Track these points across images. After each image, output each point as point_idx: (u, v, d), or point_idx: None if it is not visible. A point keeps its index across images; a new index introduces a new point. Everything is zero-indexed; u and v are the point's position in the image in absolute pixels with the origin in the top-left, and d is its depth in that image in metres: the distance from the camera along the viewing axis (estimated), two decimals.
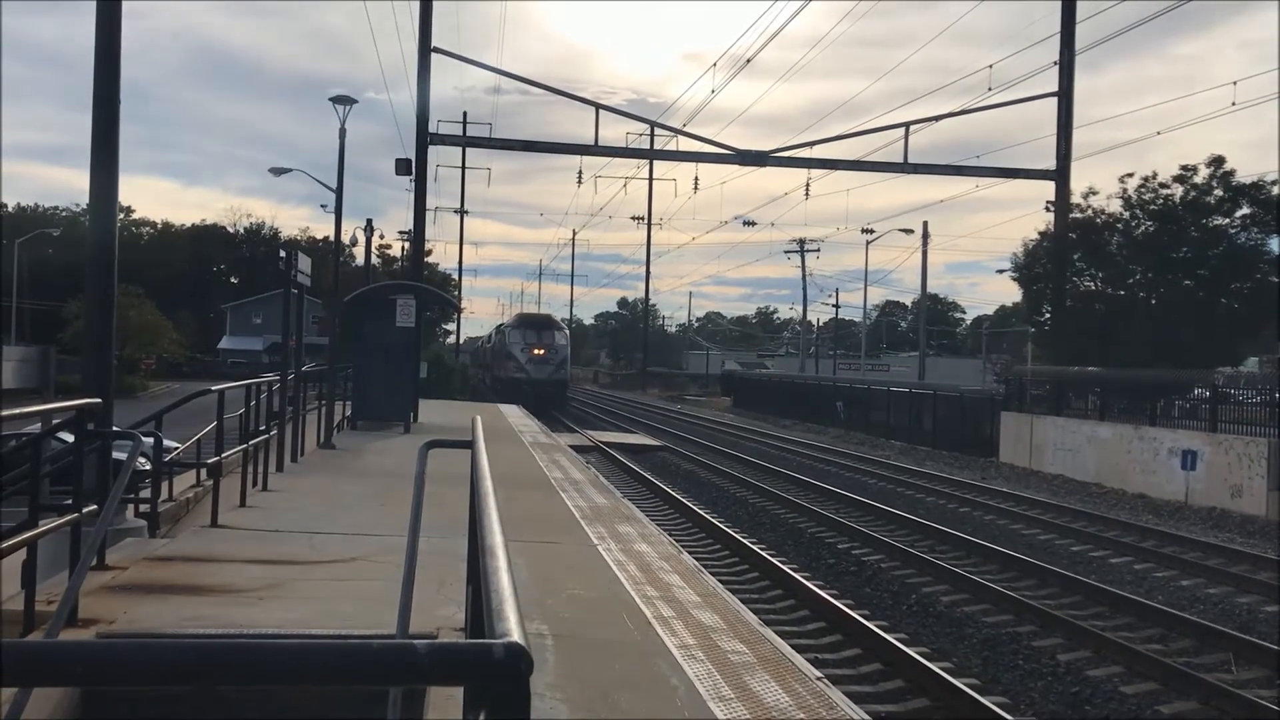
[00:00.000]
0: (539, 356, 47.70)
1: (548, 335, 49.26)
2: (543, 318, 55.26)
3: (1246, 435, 21.98)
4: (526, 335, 48.87)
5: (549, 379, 47.31)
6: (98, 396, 7.64)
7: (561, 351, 49.10)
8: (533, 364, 47.44)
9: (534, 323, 52.41)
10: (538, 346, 47.99)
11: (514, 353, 48.12)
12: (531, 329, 50.01)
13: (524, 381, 46.01)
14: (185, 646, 1.35)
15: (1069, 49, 32.71)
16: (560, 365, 48.77)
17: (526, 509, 11.17)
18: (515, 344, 48.49)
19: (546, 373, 47.39)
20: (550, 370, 47.81)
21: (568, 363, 50.57)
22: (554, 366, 48.17)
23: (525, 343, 48.22)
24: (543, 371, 47.37)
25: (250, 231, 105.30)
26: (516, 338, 48.90)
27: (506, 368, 48.72)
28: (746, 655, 6.11)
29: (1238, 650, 10.98)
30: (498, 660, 1.35)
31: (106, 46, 9.11)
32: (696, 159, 34.83)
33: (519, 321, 52.93)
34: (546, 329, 50.39)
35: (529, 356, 47.61)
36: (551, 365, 48.00)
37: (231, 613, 6.61)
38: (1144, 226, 31.82)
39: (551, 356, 48.13)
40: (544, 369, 47.53)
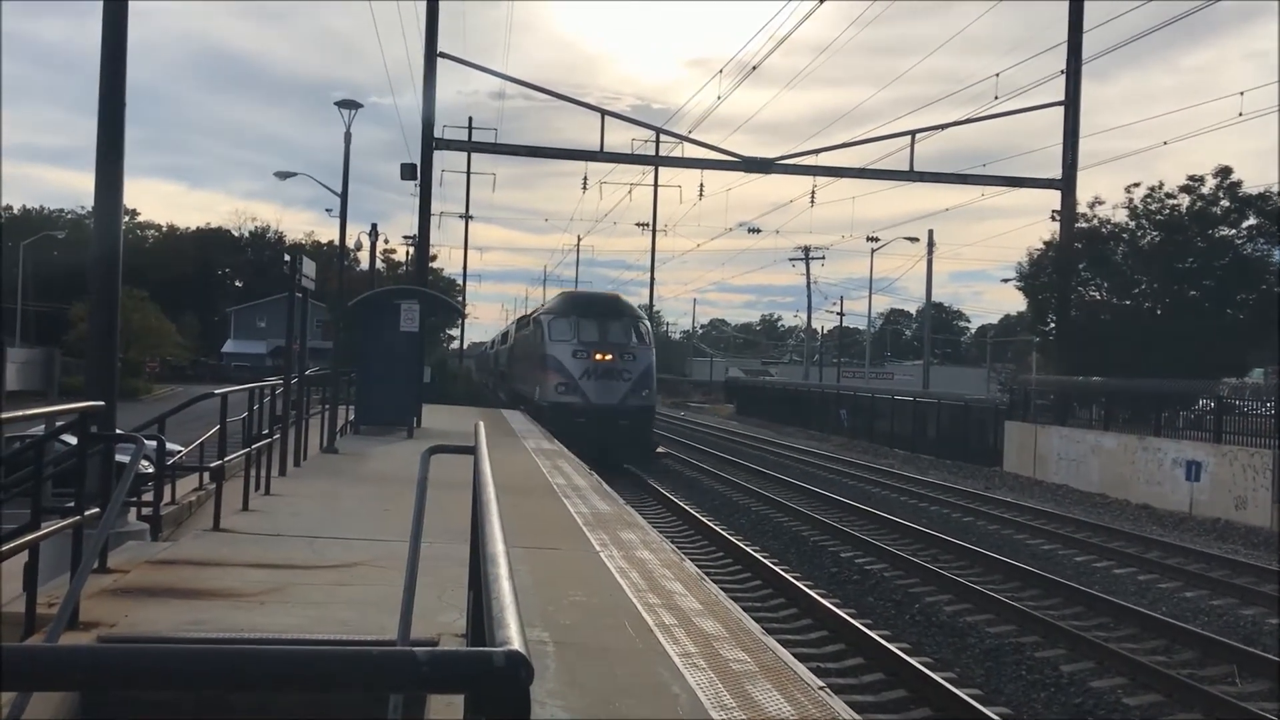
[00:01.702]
0: (604, 366, 28.32)
1: (618, 329, 29.39)
2: (606, 300, 32.58)
3: (1251, 446, 21.92)
4: (582, 328, 29.04)
5: (623, 406, 28.02)
6: (101, 399, 7.63)
7: (643, 358, 29.16)
8: (594, 379, 28.18)
9: (593, 307, 30.70)
10: (601, 349, 28.52)
11: (559, 360, 28.58)
12: (590, 318, 29.61)
13: (578, 410, 27.56)
14: (185, 653, 1.34)
15: (1076, 58, 32.71)
16: (642, 382, 28.75)
17: (529, 515, 11.15)
18: (561, 344, 28.93)
19: (618, 394, 28.05)
20: (625, 390, 28.19)
21: (653, 377, 29.75)
22: (630, 384, 28.35)
23: (580, 342, 28.70)
24: (612, 393, 28.06)
25: (255, 235, 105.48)
26: (564, 332, 29.18)
27: (544, 384, 28.98)
28: (748, 664, 6.09)
29: (1242, 662, 10.93)
30: (498, 669, 1.34)
31: (112, 48, 9.13)
32: (701, 165, 34.89)
33: (566, 305, 31.27)
34: (615, 318, 29.90)
35: (587, 366, 28.31)
36: (626, 381, 28.27)
37: (233, 617, 6.60)
38: (1150, 236, 31.79)
39: (626, 367, 28.51)
40: (614, 388, 28.14)
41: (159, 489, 10.12)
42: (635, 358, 28.62)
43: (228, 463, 10.83)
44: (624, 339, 29.08)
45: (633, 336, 29.45)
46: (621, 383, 28.02)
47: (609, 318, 29.71)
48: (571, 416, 27.02)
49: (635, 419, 28.14)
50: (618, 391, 27.98)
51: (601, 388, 27.91)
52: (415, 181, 33.33)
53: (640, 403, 28.40)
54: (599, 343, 28.54)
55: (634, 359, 28.57)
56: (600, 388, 27.90)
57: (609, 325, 29.29)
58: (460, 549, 6.24)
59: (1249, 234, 30.99)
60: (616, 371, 28.03)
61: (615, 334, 29.01)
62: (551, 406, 27.96)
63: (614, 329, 29.22)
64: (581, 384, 27.84)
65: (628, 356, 28.44)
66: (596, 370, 27.96)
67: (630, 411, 27.98)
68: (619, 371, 28.08)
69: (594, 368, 28.01)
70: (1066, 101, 32.83)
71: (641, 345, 29.28)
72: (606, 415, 27.37)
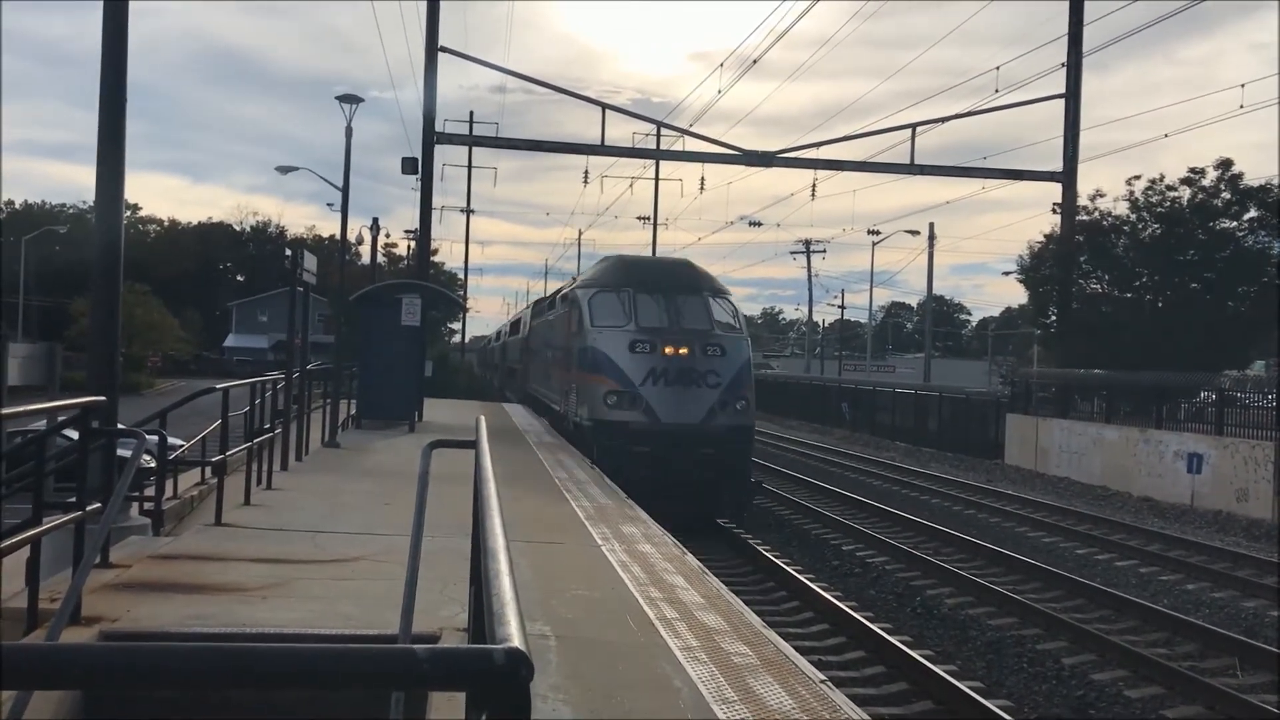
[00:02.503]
0: (680, 366, 18.56)
1: (695, 309, 19.61)
2: (674, 267, 21.95)
3: (1253, 439, 21.92)
4: (641, 308, 19.40)
5: (710, 425, 18.40)
6: (103, 394, 7.64)
7: (735, 354, 19.12)
8: (664, 385, 18.44)
9: (657, 277, 20.62)
10: (674, 339, 18.80)
11: (609, 357, 18.95)
12: (653, 292, 19.78)
13: (640, 432, 18.14)
14: (186, 651, 1.35)
15: (1076, 50, 32.64)
16: (736, 389, 18.83)
17: (530, 509, 11.16)
18: (611, 333, 19.20)
19: (702, 407, 18.45)
20: (712, 402, 18.50)
21: (750, 381, 19.61)
22: (720, 392, 18.63)
23: (641, 329, 18.97)
24: (693, 405, 18.44)
25: (257, 229, 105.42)
26: (614, 314, 19.58)
27: (585, 393, 19.48)
28: (750, 657, 6.10)
29: (1243, 654, 10.94)
30: (498, 666, 1.34)
31: (113, 43, 9.11)
32: (703, 159, 34.81)
33: (616, 274, 20.95)
34: (689, 292, 20.03)
35: (654, 365, 18.54)
36: (713, 388, 18.62)
37: (235, 611, 6.60)
38: (1151, 229, 31.73)
39: (712, 366, 18.74)
40: (696, 399, 18.49)
41: (161, 484, 10.13)
42: (724, 352, 18.28)
43: (229, 457, 10.84)
44: (705, 323, 18.76)
45: (718, 320, 19.04)
46: (706, 390, 17.89)
47: (681, 292, 19.28)
48: (629, 442, 17.45)
49: (728, 446, 17.79)
50: (701, 403, 17.86)
51: (676, 398, 17.83)
52: (416, 176, 33.29)
53: (735, 420, 18.12)
54: (669, 330, 18.41)
55: (722, 354, 18.24)
56: (674, 399, 17.82)
57: (682, 304, 19.01)
58: (462, 543, 6.24)
59: (1250, 226, 30.95)
60: (698, 374, 17.97)
61: (692, 316, 18.85)
62: (597, 427, 18.03)
63: (690, 309, 18.97)
64: (645, 393, 17.80)
65: (713, 350, 18.24)
66: (668, 372, 17.87)
67: (720, 434, 17.80)
68: (702, 374, 17.98)
69: (664, 368, 17.90)
70: (1067, 94, 32.76)
71: (732, 334, 19.00)
72: (685, 440, 17.53)
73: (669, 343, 18.27)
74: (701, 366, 18.14)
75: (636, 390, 17.98)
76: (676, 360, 18.12)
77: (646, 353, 18.22)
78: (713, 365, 18.27)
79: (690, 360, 18.15)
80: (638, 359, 18.21)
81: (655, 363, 18.11)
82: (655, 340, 18.31)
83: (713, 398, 18.05)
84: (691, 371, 18.08)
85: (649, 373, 18.02)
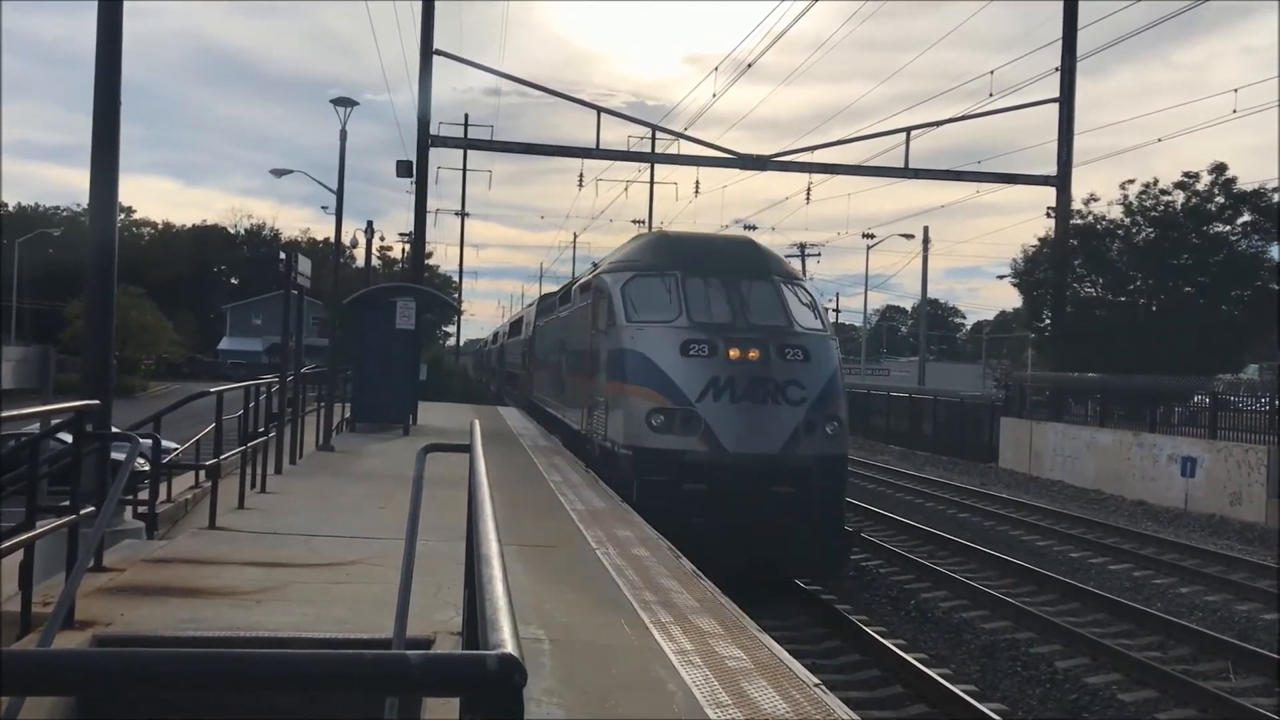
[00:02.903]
0: (750, 373, 13.44)
1: (766, 299, 14.67)
2: (736, 248, 16.51)
3: (1246, 442, 21.97)
4: (693, 299, 14.33)
5: (791, 455, 13.24)
6: (97, 397, 7.64)
7: (822, 359, 14.02)
8: (730, 401, 13.31)
9: (715, 259, 15.26)
10: (742, 340, 13.72)
11: (653, 362, 13.81)
12: (710, 276, 14.67)
13: (698, 464, 13.15)
14: (180, 656, 1.35)
15: (1071, 55, 32.71)
16: (825, 406, 13.60)
17: (525, 511, 11.16)
18: (656, 330, 14.09)
19: (781, 432, 13.28)
20: (796, 423, 13.32)
21: (842, 397, 14.17)
22: (806, 409, 13.41)
23: (695, 324, 13.96)
24: (769, 428, 13.31)
25: (251, 232, 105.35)
26: (658, 304, 14.50)
27: (619, 409, 14.32)
28: (744, 661, 6.10)
29: (1236, 658, 10.97)
30: (491, 672, 1.34)
31: (108, 45, 9.12)
32: (698, 163, 34.82)
33: (659, 254, 15.60)
34: (757, 277, 14.97)
35: (716, 373, 13.44)
36: (796, 405, 13.41)
37: (229, 615, 6.60)
38: (1145, 233, 31.81)
39: (793, 375, 13.58)
40: (772, 420, 13.34)
41: (154, 487, 10.12)
42: (809, 356, 13.79)
43: (223, 460, 10.83)
44: (780, 318, 14.31)
45: (795, 313, 14.48)
46: (786, 407, 13.35)
47: (744, 276, 14.79)
48: (681, 478, 13.08)
49: (815, 482, 13.26)
50: (780, 425, 13.30)
51: (747, 419, 13.28)
52: (411, 179, 33.28)
53: (825, 448, 13.46)
54: (735, 326, 13.94)
55: (806, 359, 13.74)
56: (744, 419, 13.28)
57: (748, 291, 14.58)
58: (456, 546, 6.25)
59: (1243, 230, 31.04)
60: (776, 386, 13.40)
61: (762, 308, 14.43)
62: (638, 457, 13.50)
63: (758, 298, 14.56)
64: (705, 411, 13.26)
65: (794, 354, 13.71)
66: (735, 383, 13.35)
67: (806, 467, 13.25)
68: (780, 385, 13.42)
69: (729, 377, 13.37)
70: (1061, 98, 32.83)
71: (816, 332, 14.45)
72: (758, 476, 13.03)
73: (736, 343, 13.55)
74: (780, 375, 13.38)
75: (692, 407, 13.17)
76: (746, 367, 13.36)
77: (704, 356, 13.45)
78: (794, 374, 13.48)
79: (764, 367, 13.39)
80: (693, 365, 13.40)
81: (717, 370, 13.32)
82: (717, 340, 13.53)
83: (795, 418, 13.21)
84: (767, 382, 13.28)
85: (709, 384, 13.25)
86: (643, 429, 13.49)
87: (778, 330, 13.96)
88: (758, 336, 13.70)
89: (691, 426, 13.21)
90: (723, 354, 13.44)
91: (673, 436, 13.27)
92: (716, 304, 14.30)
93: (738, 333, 13.75)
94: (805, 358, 13.69)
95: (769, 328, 13.98)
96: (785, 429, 13.21)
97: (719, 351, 13.46)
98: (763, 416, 13.24)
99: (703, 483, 12.99)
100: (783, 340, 13.75)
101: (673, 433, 13.28)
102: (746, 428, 13.20)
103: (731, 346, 13.51)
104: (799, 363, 13.62)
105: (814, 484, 13.20)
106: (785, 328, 14.06)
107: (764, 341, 13.61)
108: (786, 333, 13.95)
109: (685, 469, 13.06)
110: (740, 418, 13.22)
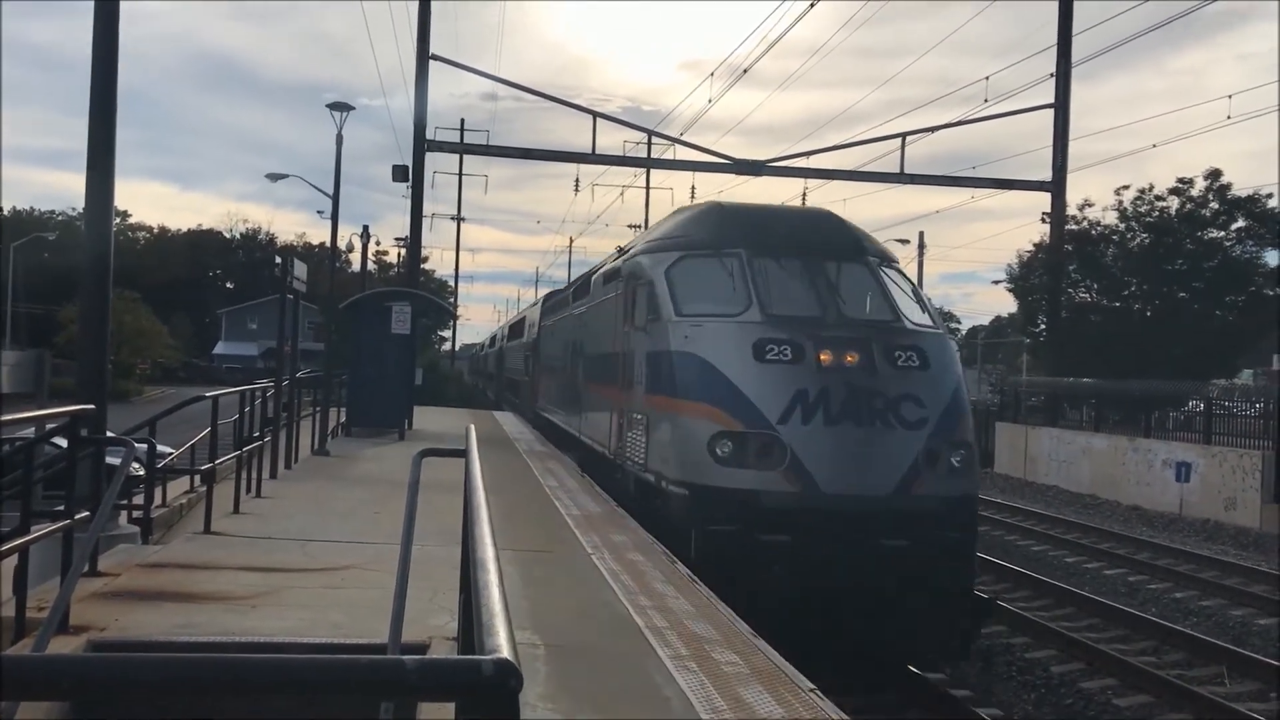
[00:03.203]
0: (850, 383, 10.01)
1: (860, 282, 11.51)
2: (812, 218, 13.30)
3: (1241, 448, 22.01)
4: (766, 286, 10.89)
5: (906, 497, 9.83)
6: (92, 402, 7.63)
7: (943, 365, 10.55)
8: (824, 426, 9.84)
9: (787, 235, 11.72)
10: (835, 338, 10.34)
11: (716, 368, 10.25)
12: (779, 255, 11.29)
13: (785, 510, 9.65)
14: (175, 662, 1.35)
15: (1065, 60, 32.79)
16: (948, 430, 10.10)
17: (521, 516, 11.15)
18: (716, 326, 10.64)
19: (893, 469, 9.82)
20: (913, 454, 9.88)
21: (968, 417, 10.62)
22: (928, 433, 9.96)
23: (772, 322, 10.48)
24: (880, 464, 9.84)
25: (247, 237, 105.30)
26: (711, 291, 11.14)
27: (670, 433, 10.71)
28: (740, 666, 6.10)
29: (1231, 663, 10.98)
30: (487, 677, 1.34)
31: (104, 49, 9.11)
32: (693, 168, 34.85)
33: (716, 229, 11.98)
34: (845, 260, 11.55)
35: (806, 384, 9.98)
36: (914, 429, 9.96)
37: (224, 620, 6.59)
38: (1140, 238, 31.88)
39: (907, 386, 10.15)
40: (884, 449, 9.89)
41: (149, 492, 10.10)
42: (926, 363, 10.57)
43: (219, 465, 10.82)
44: (885, 311, 11.29)
45: (902, 307, 11.39)
46: (901, 432, 10.08)
47: (832, 258, 11.67)
48: (755, 524, 9.77)
49: (937, 535, 9.91)
50: (893, 457, 10.03)
51: (848, 447, 10.01)
52: (407, 184, 33.28)
53: (952, 488, 10.21)
54: (824, 321, 10.82)
55: (923, 366, 10.53)
56: (845, 447, 10.01)
57: (836, 276, 11.54)
58: (452, 551, 6.24)
59: (1238, 236, 31.13)
60: (886, 402, 10.13)
61: (859, 299, 11.58)
62: (699, 498, 10.20)
63: (852, 285, 11.65)
64: (791, 436, 9.96)
65: (907, 358, 10.53)
66: (829, 397, 10.07)
67: (925, 513, 9.96)
68: (891, 402, 10.16)
69: (821, 390, 10.10)
70: (1056, 104, 32.90)
71: (931, 333, 11.21)
72: (863, 526, 9.77)
73: (830, 344, 10.23)
74: (891, 388, 10.02)
75: (773, 431, 9.80)
76: (845, 376, 10.03)
77: (786, 361, 10.07)
78: (910, 385, 10.13)
79: (869, 376, 10.07)
80: (772, 373, 10.05)
81: (805, 379, 9.97)
82: (803, 339, 10.19)
83: (914, 446, 9.88)
84: (874, 397, 9.94)
85: (795, 399, 9.87)
86: (703, 460, 9.95)
87: (883, 327, 10.72)
88: (858, 335, 10.41)
89: (772, 457, 9.75)
90: (812, 358, 10.07)
91: (746, 471, 9.80)
92: (797, 292, 10.99)
93: (830, 330, 10.42)
94: (922, 363, 10.35)
95: (871, 323, 10.82)
96: (900, 461, 9.78)
97: (807, 355, 10.10)
98: (869, 444, 9.81)
99: (787, 533, 9.54)
100: (892, 340, 10.45)
101: (746, 465, 9.82)
102: (848, 459, 9.76)
103: (823, 348, 10.15)
104: (914, 370, 10.29)
105: (937, 535, 9.72)
106: (892, 323, 10.85)
107: (867, 342, 10.30)
108: (895, 330, 10.72)
109: (763, 516, 9.62)
110: (839, 445, 9.79)
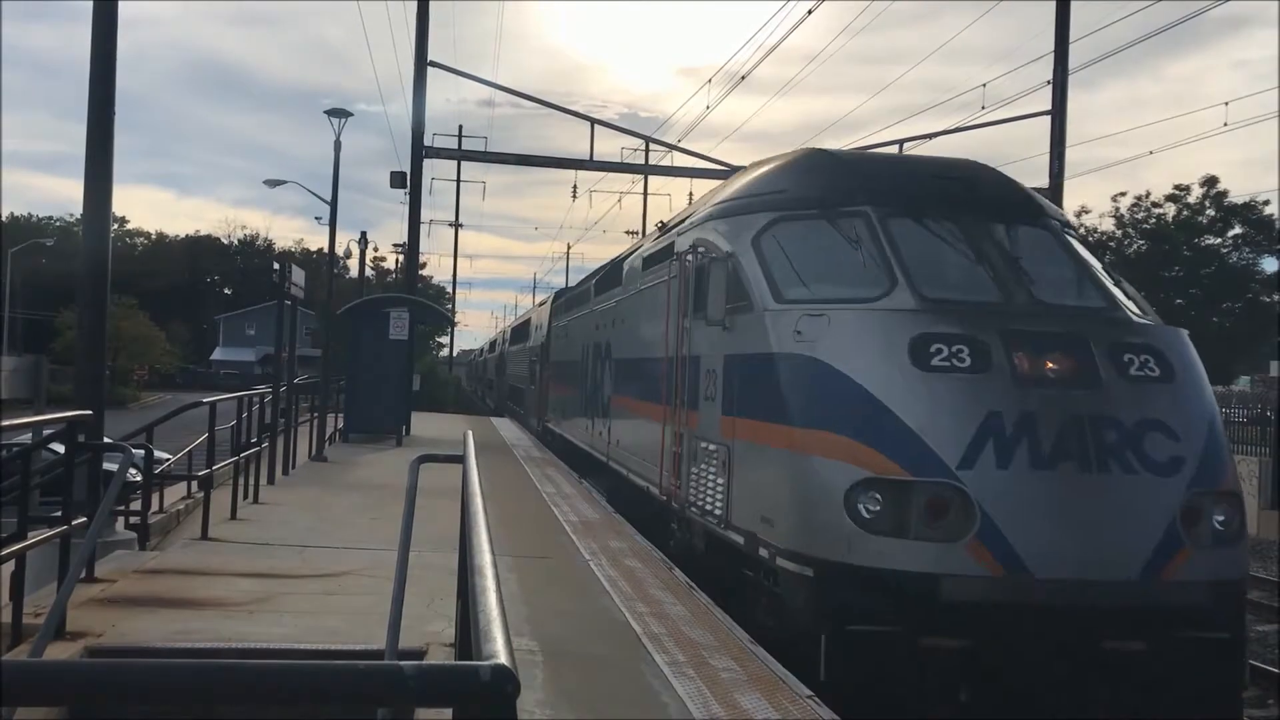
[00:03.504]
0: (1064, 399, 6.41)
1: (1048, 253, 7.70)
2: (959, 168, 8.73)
3: (1238, 454, 22.03)
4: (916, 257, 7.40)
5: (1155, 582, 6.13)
6: (89, 408, 7.62)
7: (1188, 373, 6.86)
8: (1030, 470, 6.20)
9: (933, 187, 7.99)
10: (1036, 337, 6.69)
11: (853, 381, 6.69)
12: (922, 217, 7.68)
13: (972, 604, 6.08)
14: (172, 668, 1.35)
15: (1062, 67, 32.86)
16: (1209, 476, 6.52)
17: (518, 523, 11.14)
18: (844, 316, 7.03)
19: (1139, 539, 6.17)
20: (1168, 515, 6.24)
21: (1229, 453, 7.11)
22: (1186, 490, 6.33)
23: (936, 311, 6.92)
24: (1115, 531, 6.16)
25: (245, 243, 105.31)
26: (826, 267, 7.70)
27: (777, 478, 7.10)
28: (737, 672, 6.09)
29: None
30: (484, 683, 1.35)
31: (102, 55, 9.12)
32: (691, 174, 34.87)
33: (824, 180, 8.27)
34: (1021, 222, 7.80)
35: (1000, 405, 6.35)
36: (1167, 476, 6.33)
37: (221, 626, 6.58)
38: (1136, 245, 31.98)
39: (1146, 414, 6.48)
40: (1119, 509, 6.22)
41: (147, 498, 10.10)
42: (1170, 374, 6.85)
43: (216, 471, 10.81)
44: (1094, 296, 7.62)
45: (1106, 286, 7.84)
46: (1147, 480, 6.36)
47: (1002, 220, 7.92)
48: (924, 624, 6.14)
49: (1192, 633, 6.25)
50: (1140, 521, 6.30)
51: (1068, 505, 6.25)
52: (405, 190, 33.31)
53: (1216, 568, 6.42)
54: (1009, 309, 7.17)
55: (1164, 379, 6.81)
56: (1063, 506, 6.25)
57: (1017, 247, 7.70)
58: (449, 557, 6.24)
59: (1234, 243, 31.24)
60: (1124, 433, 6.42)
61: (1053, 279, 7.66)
62: (833, 582, 6.47)
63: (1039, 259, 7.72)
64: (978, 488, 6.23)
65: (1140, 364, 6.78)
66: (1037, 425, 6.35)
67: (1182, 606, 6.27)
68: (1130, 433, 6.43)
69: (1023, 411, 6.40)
70: (1053, 111, 32.96)
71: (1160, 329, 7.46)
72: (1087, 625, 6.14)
73: (1028, 342, 6.86)
74: (1126, 412, 6.66)
75: (954, 481, 6.40)
76: (1054, 391, 6.68)
77: (964, 369, 6.72)
78: (1152, 407, 6.77)
79: (1094, 395, 6.70)
80: (944, 387, 6.69)
81: (995, 397, 6.61)
82: (988, 335, 6.86)
83: (1167, 501, 6.49)
84: (1103, 426, 6.55)
85: (983, 428, 6.48)
86: (839, 522, 6.58)
87: (1099, 318, 7.41)
88: (1068, 330, 7.04)
89: (952, 520, 6.37)
90: (1004, 364, 6.70)
91: (911, 543, 6.41)
92: (962, 267, 7.68)
93: (1023, 321, 7.08)
94: (1164, 373, 6.95)
95: (1082, 312, 7.49)
96: (1149, 525, 6.41)
97: (995, 359, 6.73)
98: (1101, 498, 6.43)
99: (970, 638, 6.24)
100: (1117, 337, 7.08)
101: (909, 534, 6.43)
102: (1072, 524, 6.34)
103: (1020, 349, 6.77)
104: (1155, 383, 6.88)
105: (1192, 639, 6.37)
106: (1109, 313, 7.54)
107: (1082, 340, 6.92)
108: (1118, 324, 7.38)
109: (937, 612, 6.28)
110: (1057, 502, 6.38)
